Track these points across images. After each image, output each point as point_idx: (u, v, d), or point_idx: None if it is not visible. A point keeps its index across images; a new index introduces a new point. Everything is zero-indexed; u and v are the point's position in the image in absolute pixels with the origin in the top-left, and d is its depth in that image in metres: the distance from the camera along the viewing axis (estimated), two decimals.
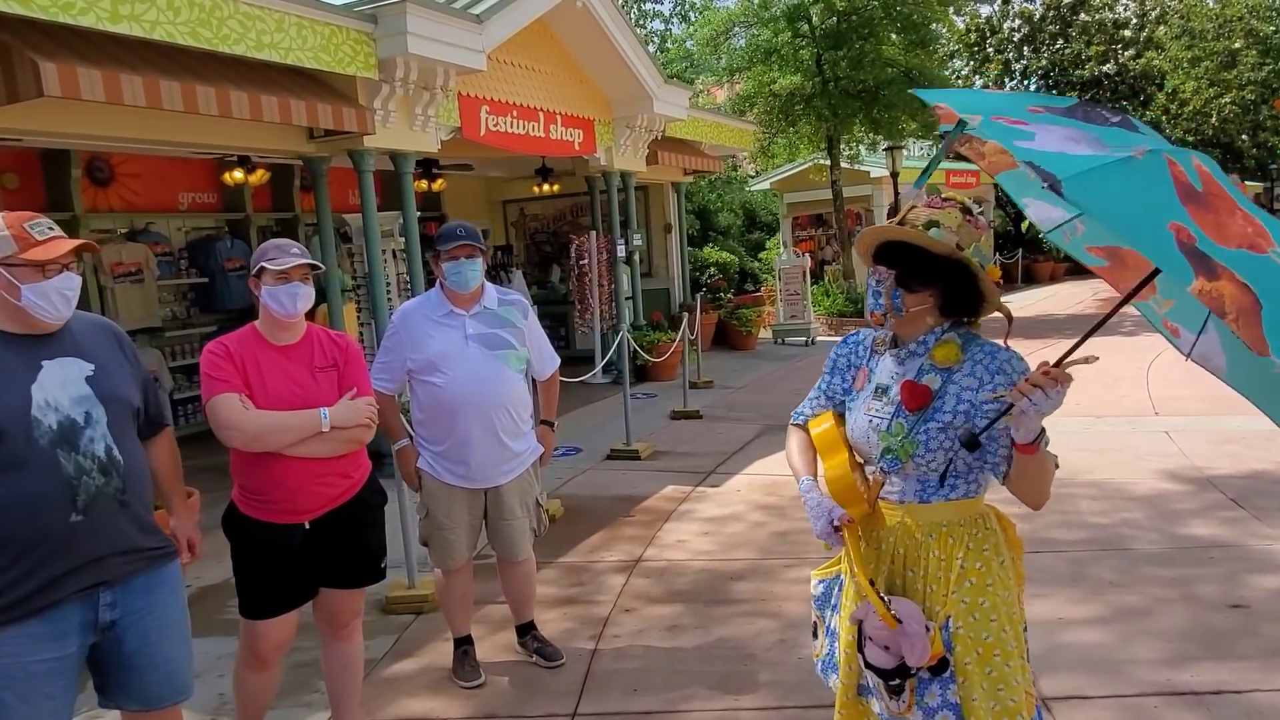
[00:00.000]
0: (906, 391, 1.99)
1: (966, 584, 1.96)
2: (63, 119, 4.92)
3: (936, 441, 1.94)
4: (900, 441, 1.97)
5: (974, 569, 1.97)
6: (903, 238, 1.98)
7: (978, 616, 1.95)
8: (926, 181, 2.10)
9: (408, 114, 6.65)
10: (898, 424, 1.99)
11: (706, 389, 9.67)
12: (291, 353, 2.75)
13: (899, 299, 1.99)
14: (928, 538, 1.99)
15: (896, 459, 1.98)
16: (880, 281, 2.01)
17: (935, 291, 1.97)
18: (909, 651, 1.90)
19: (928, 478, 2.00)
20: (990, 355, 1.98)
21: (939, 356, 1.99)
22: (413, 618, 4.09)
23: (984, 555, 1.98)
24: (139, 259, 8.15)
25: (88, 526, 2.13)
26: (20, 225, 2.14)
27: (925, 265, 1.96)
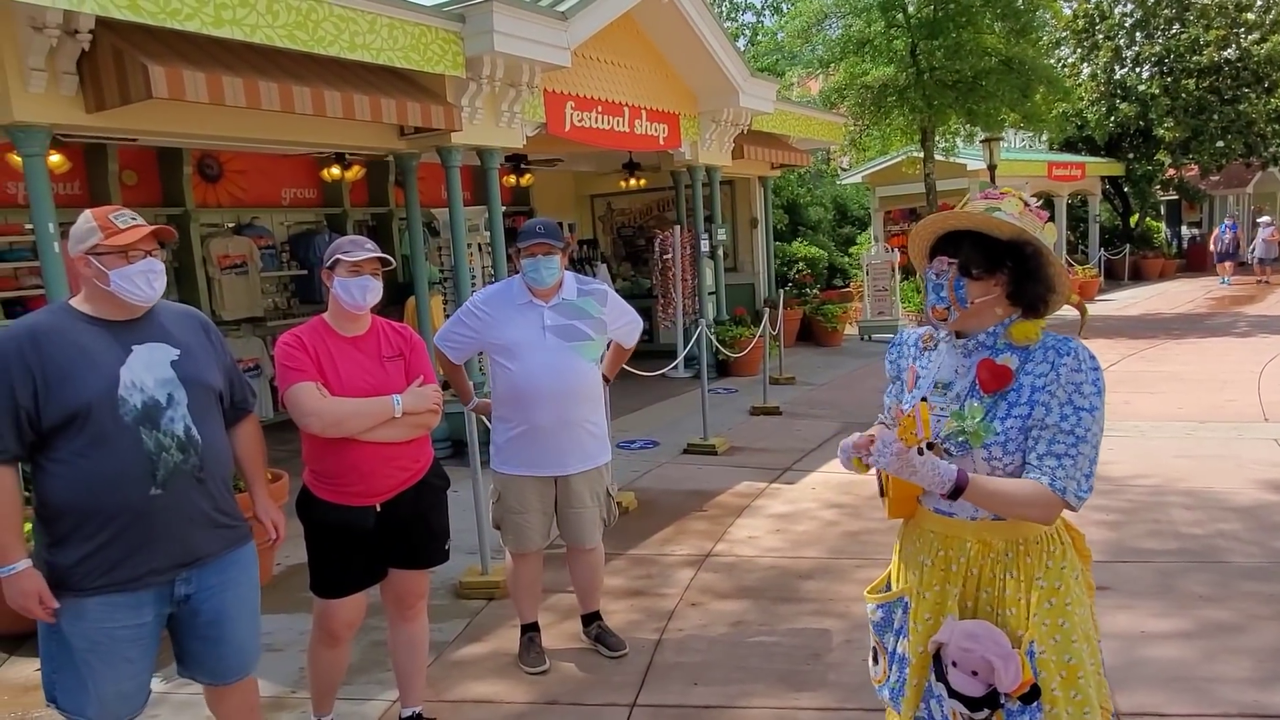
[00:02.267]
0: (986, 370, 1.88)
1: (1047, 605, 1.85)
2: (170, 119, 5.21)
3: (1015, 443, 1.83)
4: (976, 424, 1.83)
5: (1054, 589, 1.87)
6: (965, 222, 1.89)
7: (1059, 639, 1.85)
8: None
9: (494, 111, 6.79)
10: (972, 405, 1.86)
11: (788, 385, 9.58)
12: (360, 343, 2.87)
13: (963, 289, 1.88)
14: (1005, 556, 1.88)
15: (967, 443, 1.84)
16: (940, 274, 1.91)
17: (1002, 278, 1.87)
18: (1001, 676, 1.80)
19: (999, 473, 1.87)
20: (1061, 341, 1.86)
21: (1017, 334, 1.88)
22: (484, 603, 4.20)
23: (1062, 573, 1.88)
24: (244, 252, 8.56)
25: (165, 500, 2.28)
26: (105, 217, 2.30)
27: (988, 252, 1.86)
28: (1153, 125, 21.05)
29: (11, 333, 2.24)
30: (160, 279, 2.36)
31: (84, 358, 2.24)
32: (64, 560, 2.24)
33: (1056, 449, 1.78)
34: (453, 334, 3.48)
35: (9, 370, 2.17)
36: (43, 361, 2.19)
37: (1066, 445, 1.77)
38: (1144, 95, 21.19)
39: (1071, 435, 1.77)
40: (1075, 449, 1.77)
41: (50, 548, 2.25)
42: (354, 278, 2.78)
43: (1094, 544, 4.36)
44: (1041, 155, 19.83)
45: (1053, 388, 1.81)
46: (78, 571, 2.23)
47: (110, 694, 2.30)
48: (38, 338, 2.22)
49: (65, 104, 4.62)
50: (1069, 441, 1.77)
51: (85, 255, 2.28)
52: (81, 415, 2.20)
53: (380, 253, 2.83)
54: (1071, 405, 1.79)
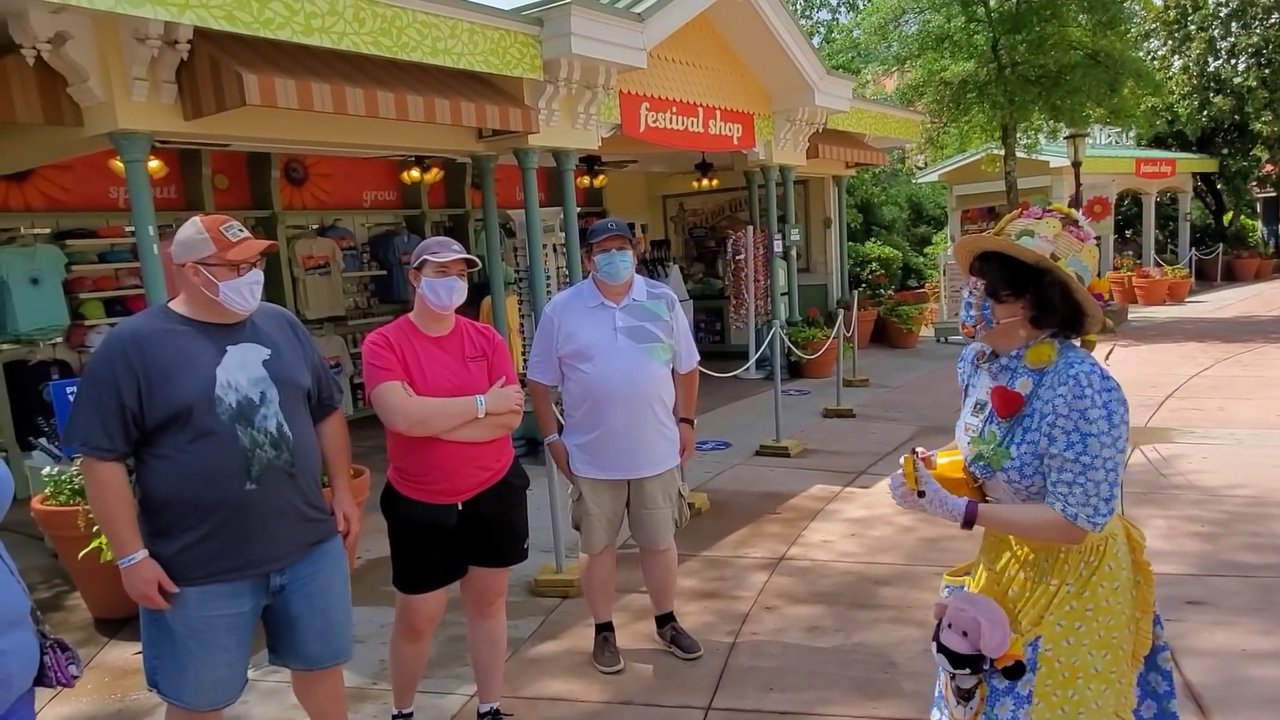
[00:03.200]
0: (997, 397, 1.96)
1: (1066, 608, 1.91)
2: (262, 125, 5.40)
3: (1032, 467, 1.89)
4: (992, 449, 1.94)
5: (1078, 594, 1.91)
6: (991, 246, 1.96)
7: (1070, 641, 1.90)
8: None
9: (570, 112, 6.85)
10: (990, 431, 1.97)
11: (861, 387, 9.44)
12: (445, 343, 2.92)
13: (989, 310, 1.96)
14: (1043, 563, 1.94)
15: (988, 466, 1.95)
16: (972, 291, 2.00)
17: (1026, 302, 1.92)
18: (987, 640, 1.90)
19: (1024, 495, 1.94)
20: (1067, 365, 1.88)
21: (1031, 358, 1.93)
22: (559, 601, 4.25)
23: (1090, 581, 1.91)
24: (327, 253, 8.81)
25: (260, 495, 2.36)
26: (217, 229, 2.39)
27: (1015, 275, 1.92)
28: (1249, 119, 20.12)
29: (116, 336, 2.34)
30: (260, 289, 2.45)
31: (183, 359, 2.34)
32: (166, 551, 2.34)
33: (1066, 476, 1.83)
34: (536, 357, 3.51)
35: (115, 372, 2.28)
36: (145, 363, 2.29)
37: (1074, 473, 1.82)
38: (1240, 88, 20.26)
39: (1078, 463, 1.81)
40: (1084, 475, 1.81)
41: (152, 539, 2.36)
42: (441, 278, 2.84)
43: (1186, 556, 4.24)
44: (1129, 152, 19.13)
45: (1059, 415, 1.84)
46: (178, 562, 2.33)
47: (207, 681, 2.40)
48: (140, 341, 2.32)
49: (165, 112, 4.83)
50: (1076, 469, 1.81)
51: (195, 264, 2.37)
52: (182, 414, 2.30)
53: (466, 254, 2.88)
54: (1078, 432, 1.81)
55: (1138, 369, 9.56)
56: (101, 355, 2.33)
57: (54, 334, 6.91)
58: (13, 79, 4.50)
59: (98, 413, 2.28)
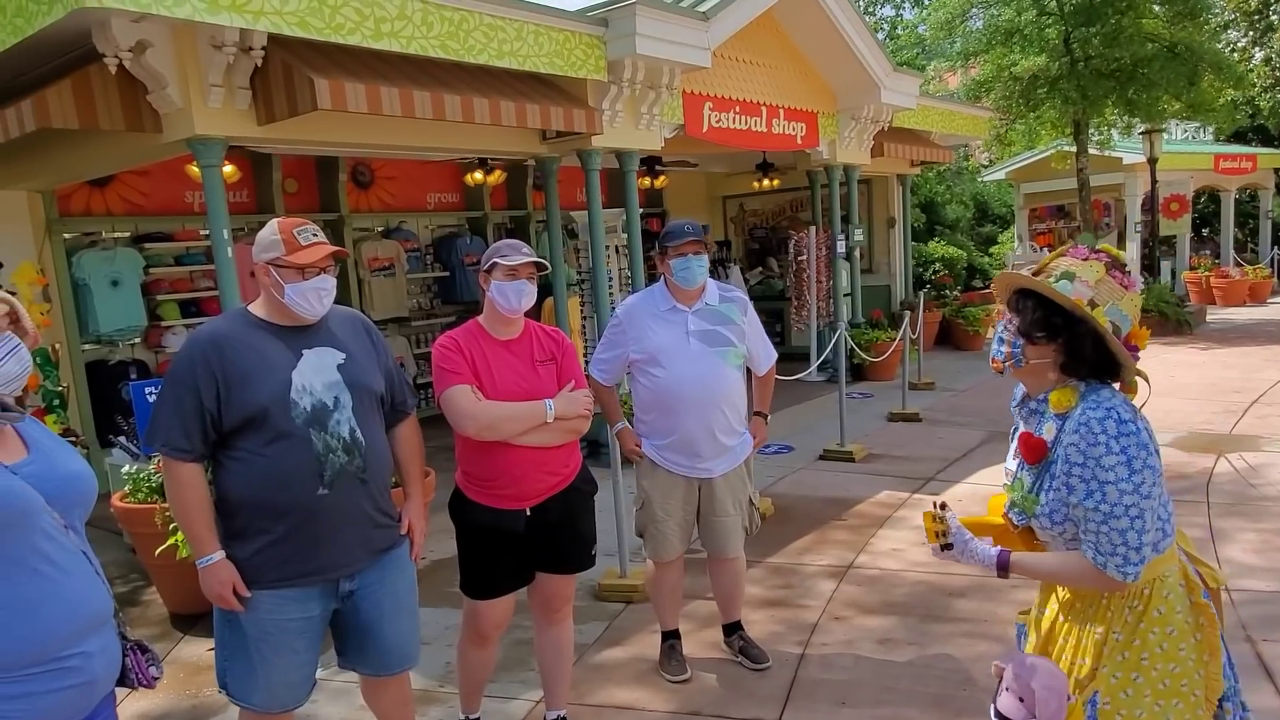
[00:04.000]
0: (1023, 444, 1.95)
1: (1119, 658, 1.85)
2: (332, 129, 5.47)
3: (1061, 514, 1.85)
4: (1022, 496, 1.94)
5: (1128, 643, 1.85)
6: (1028, 286, 1.91)
7: (1130, 694, 1.84)
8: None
9: (633, 113, 6.82)
10: (1019, 479, 1.96)
11: (927, 390, 9.23)
12: (514, 347, 2.90)
13: (1019, 349, 1.93)
14: (1088, 608, 1.91)
15: (1023, 513, 1.94)
16: (1006, 327, 1.97)
17: (1058, 346, 1.89)
18: (1042, 709, 1.82)
19: (1062, 542, 1.90)
20: (1082, 411, 1.83)
21: (1054, 402, 1.91)
22: (623, 606, 4.21)
23: (1139, 629, 1.85)
24: (392, 255, 8.93)
25: (332, 500, 2.37)
26: (290, 231, 2.40)
27: (1051, 317, 1.88)
28: None
29: (196, 339, 2.37)
30: (330, 295, 2.46)
31: (260, 362, 2.35)
32: (240, 553, 2.36)
33: (1090, 526, 1.80)
34: (600, 358, 3.48)
35: (195, 375, 2.31)
36: (224, 365, 2.32)
37: (1096, 523, 1.78)
38: None
39: (1098, 512, 1.78)
40: (1105, 525, 1.77)
41: (228, 541, 2.38)
42: (510, 281, 2.82)
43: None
44: (1207, 147, 18.38)
45: (1073, 464, 1.81)
46: (252, 564, 2.35)
47: (278, 683, 2.41)
48: (219, 343, 2.35)
49: (239, 117, 4.92)
50: (1098, 519, 1.78)
51: (266, 265, 2.39)
52: (258, 417, 2.31)
53: (536, 257, 2.86)
54: (1095, 481, 1.77)
55: (1220, 373, 9.17)
56: (183, 357, 2.36)
57: (133, 335, 7.13)
58: (96, 88, 4.63)
59: (178, 414, 2.31)
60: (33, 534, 1.68)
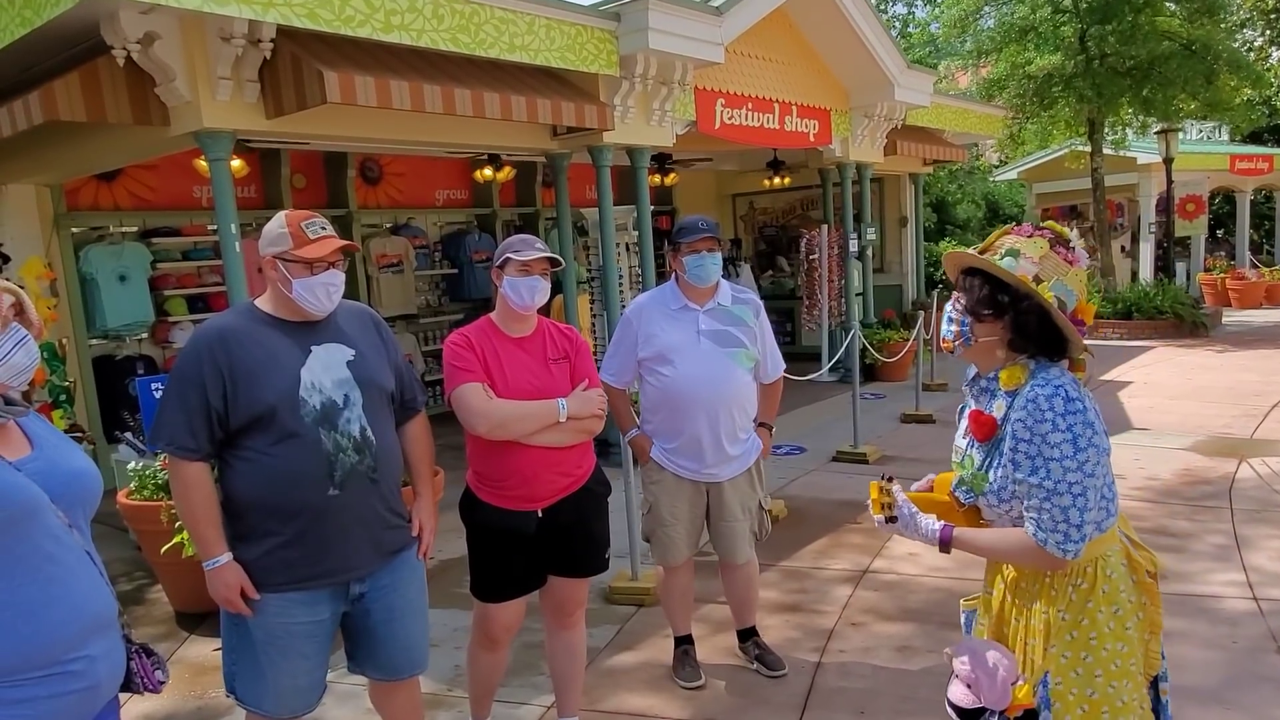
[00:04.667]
0: (973, 421, 1.94)
1: (1067, 637, 1.85)
2: (340, 123, 5.41)
3: (1009, 491, 1.84)
4: (971, 474, 1.92)
5: (1076, 622, 1.85)
6: (972, 263, 1.93)
7: (1080, 673, 1.84)
8: None
9: (645, 109, 6.74)
10: (969, 456, 1.95)
11: (939, 392, 9.14)
12: (526, 344, 2.83)
13: (967, 327, 1.93)
14: (1031, 586, 1.91)
15: (970, 491, 1.93)
16: (954, 306, 1.97)
17: (1005, 323, 1.88)
18: (985, 691, 1.84)
19: (1008, 520, 1.90)
20: (1037, 388, 1.82)
21: (1004, 379, 1.90)
22: (634, 610, 4.13)
23: (1087, 608, 1.85)
24: (400, 251, 8.88)
25: (342, 501, 2.30)
26: (298, 224, 2.33)
27: (997, 295, 1.88)
28: None
29: (202, 335, 2.30)
30: (339, 291, 2.38)
31: (268, 358, 2.28)
32: (247, 555, 2.29)
33: (1033, 503, 1.80)
34: (611, 360, 3.41)
35: (201, 372, 2.24)
36: (231, 362, 2.25)
37: (1039, 499, 1.78)
38: None
39: (1041, 488, 1.78)
40: (1049, 501, 1.77)
41: (235, 542, 2.31)
42: (523, 277, 2.75)
43: None
44: (1222, 148, 18.21)
45: (1019, 440, 1.81)
46: (260, 567, 2.28)
47: (286, 688, 2.35)
48: (226, 339, 2.28)
49: (248, 110, 4.86)
50: (1041, 495, 1.78)
51: (274, 258, 2.32)
52: (266, 416, 2.24)
53: (550, 252, 2.78)
54: (1041, 457, 1.78)
55: (1239, 376, 9.05)
56: (188, 353, 2.29)
57: (140, 330, 7.08)
58: (104, 80, 4.57)
59: (183, 411, 2.24)
60: (36, 532, 1.62)
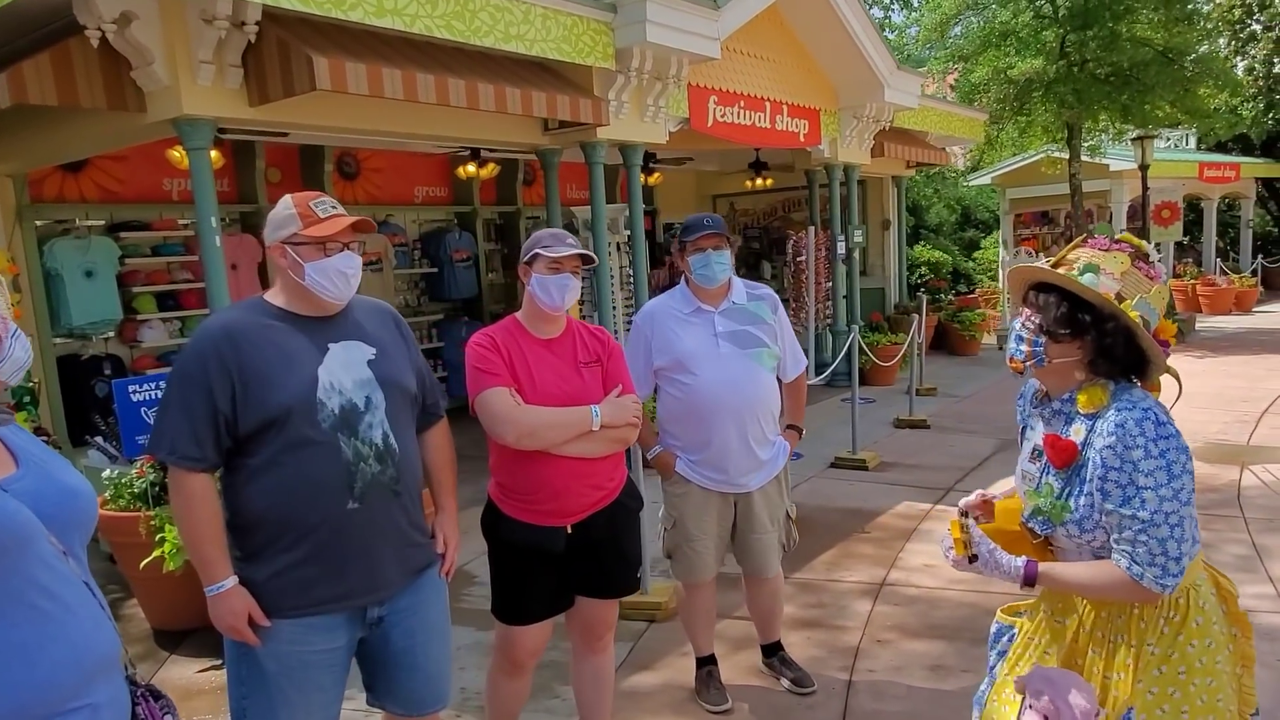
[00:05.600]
0: (1050, 446, 1.80)
1: (1155, 672, 1.73)
2: (327, 112, 5.14)
3: (1092, 521, 1.73)
4: (1050, 503, 1.79)
5: (1165, 656, 1.73)
6: (1051, 280, 1.79)
7: (1167, 709, 1.72)
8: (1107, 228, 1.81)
9: (639, 105, 6.56)
10: (1047, 484, 1.81)
11: (929, 396, 9.05)
12: (555, 347, 2.63)
13: (1041, 347, 1.80)
14: (1116, 619, 1.78)
15: (1048, 521, 1.80)
16: (1025, 324, 1.83)
17: (1084, 344, 1.77)
18: None
19: (1087, 551, 1.78)
20: (1116, 412, 1.72)
21: (1083, 401, 1.78)
22: (646, 625, 3.93)
23: (1177, 641, 1.74)
24: (379, 249, 8.59)
25: (363, 516, 2.08)
26: (305, 204, 2.12)
27: (1075, 313, 1.76)
28: None
29: (207, 332, 2.07)
30: (356, 276, 2.16)
31: (282, 357, 2.06)
32: (257, 577, 2.05)
33: (1127, 534, 1.68)
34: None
35: (208, 373, 2.00)
36: (241, 362, 2.02)
37: (1135, 530, 1.67)
38: None
39: (1136, 519, 1.67)
40: (1145, 533, 1.66)
41: (242, 563, 2.07)
42: (553, 275, 2.54)
43: None
44: (1192, 155, 18.48)
45: (1109, 469, 1.69)
46: (271, 589, 2.05)
47: None
48: (235, 337, 2.05)
49: (230, 97, 4.59)
50: (1136, 526, 1.67)
51: (282, 244, 2.10)
52: (280, 420, 2.01)
53: (582, 248, 2.58)
54: (1134, 486, 1.67)
55: (1224, 381, 9.07)
56: (192, 352, 2.05)
57: (106, 328, 6.72)
58: (76, 62, 4.27)
59: (187, 417, 2.00)
60: (30, 563, 1.38)
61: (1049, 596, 1.93)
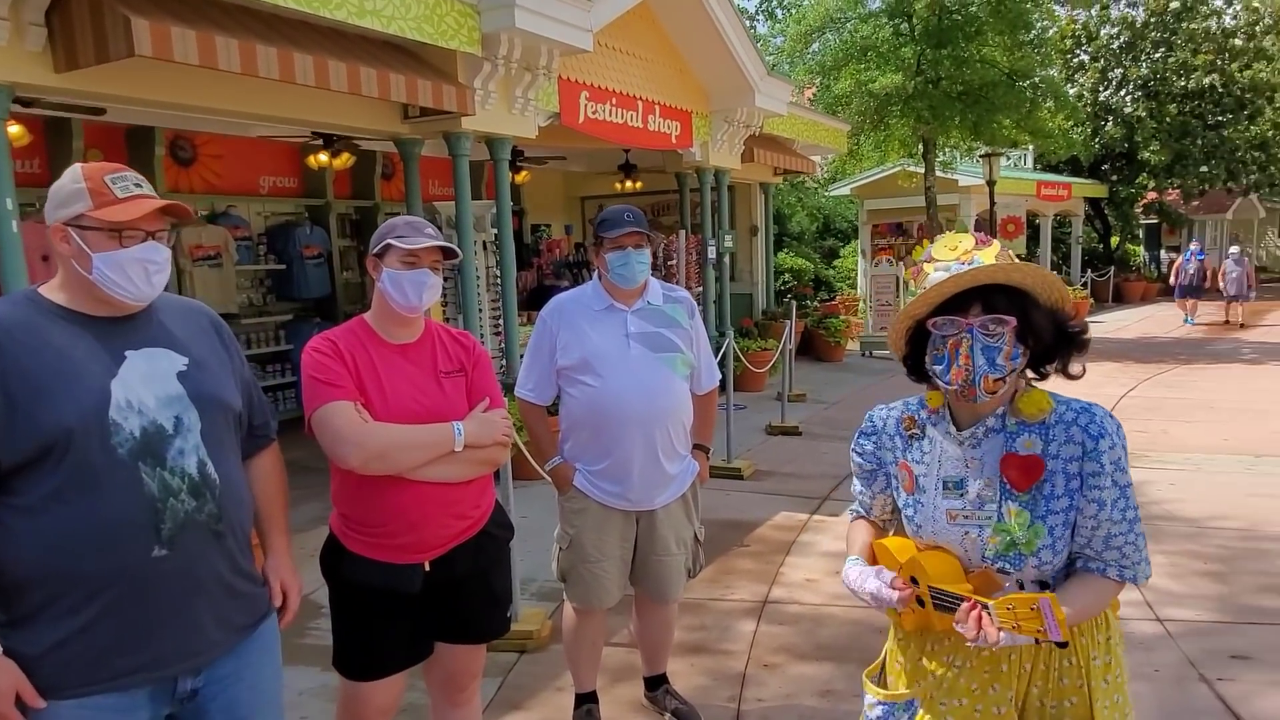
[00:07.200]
0: (1013, 469, 1.60)
1: (1103, 684, 1.63)
2: (150, 84, 4.55)
3: (1064, 541, 1.58)
4: (1025, 533, 1.58)
5: (1106, 664, 1.65)
6: (1031, 278, 1.59)
7: (1123, 714, 1.67)
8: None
9: (507, 96, 6.19)
10: (1013, 509, 1.59)
11: (799, 403, 9.06)
12: (411, 353, 2.26)
13: (1019, 359, 1.59)
14: (1060, 654, 1.64)
15: (1020, 554, 1.58)
16: (994, 335, 1.56)
17: (1034, 341, 1.63)
18: None
19: (1044, 578, 1.63)
20: (1086, 413, 1.60)
21: (1029, 408, 1.61)
22: (515, 657, 3.59)
23: (1109, 643, 1.66)
24: (218, 243, 7.84)
25: (174, 564, 1.66)
26: (100, 178, 1.68)
27: (1026, 310, 1.61)
28: (1138, 148, 21.03)
29: None
30: (162, 272, 1.73)
31: (62, 366, 1.62)
32: (28, 649, 1.59)
33: (1116, 541, 1.57)
34: (528, 373, 2.89)
35: None
36: (5, 370, 1.57)
37: (1125, 535, 1.57)
38: (1130, 118, 21.17)
39: (1125, 522, 1.57)
40: (1131, 532, 1.58)
41: (9, 629, 1.61)
42: (408, 270, 2.18)
43: (1208, 600, 3.90)
44: (1030, 174, 19.66)
45: (1098, 477, 1.56)
46: (49, 663, 1.60)
47: None
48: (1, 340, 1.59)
49: (31, 61, 3.96)
50: (1125, 530, 1.57)
51: (64, 226, 1.66)
52: (59, 446, 1.58)
53: (444, 241, 2.22)
54: (1118, 489, 1.57)
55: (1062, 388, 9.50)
56: None
57: None
58: None
59: None
60: None
61: (964, 649, 1.65)
